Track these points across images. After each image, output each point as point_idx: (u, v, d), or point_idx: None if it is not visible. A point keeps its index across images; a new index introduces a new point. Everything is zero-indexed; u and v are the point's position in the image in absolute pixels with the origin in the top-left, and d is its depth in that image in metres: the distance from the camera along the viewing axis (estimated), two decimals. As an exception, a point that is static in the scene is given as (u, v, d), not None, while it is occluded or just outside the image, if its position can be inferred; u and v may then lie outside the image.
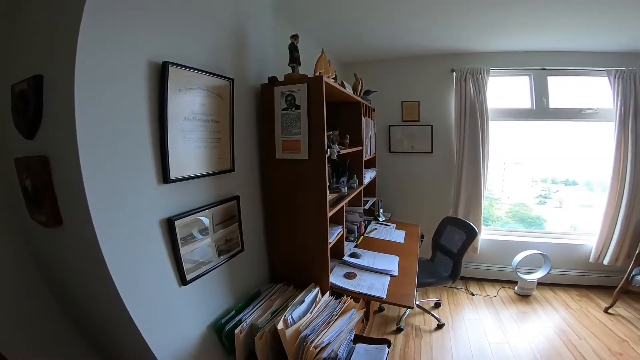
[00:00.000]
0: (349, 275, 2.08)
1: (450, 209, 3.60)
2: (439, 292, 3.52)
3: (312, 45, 2.34)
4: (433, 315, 3.04)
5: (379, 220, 3.31)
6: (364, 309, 2.68)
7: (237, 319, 1.58)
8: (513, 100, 3.63)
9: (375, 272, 2.13)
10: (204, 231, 1.46)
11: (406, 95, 3.71)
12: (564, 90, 3.50)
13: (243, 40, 1.77)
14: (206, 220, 1.47)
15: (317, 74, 1.78)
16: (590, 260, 3.45)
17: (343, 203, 2.16)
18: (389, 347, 1.65)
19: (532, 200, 4.19)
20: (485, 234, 3.74)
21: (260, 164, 1.92)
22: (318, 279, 1.88)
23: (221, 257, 1.57)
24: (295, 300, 1.65)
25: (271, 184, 1.90)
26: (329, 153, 1.82)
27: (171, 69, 1.25)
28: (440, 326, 2.93)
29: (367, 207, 3.04)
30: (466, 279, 3.77)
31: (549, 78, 3.48)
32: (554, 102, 3.49)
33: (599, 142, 3.42)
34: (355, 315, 1.70)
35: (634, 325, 2.91)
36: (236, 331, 1.49)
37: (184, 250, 1.34)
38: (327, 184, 1.78)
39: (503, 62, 3.46)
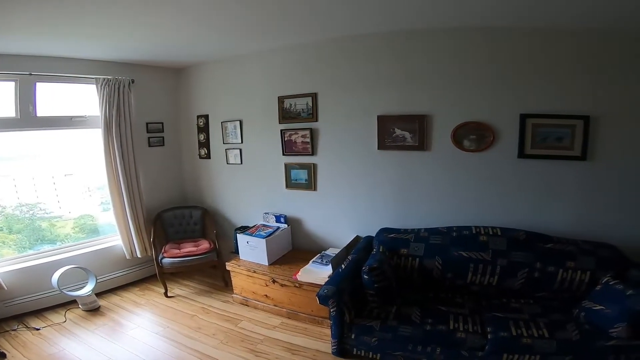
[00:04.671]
0: None
1: None
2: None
3: None
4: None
5: None
6: None
7: None
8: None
9: None
10: None
11: None
12: (55, 97, 3.31)
13: None
14: None
15: None
16: (128, 257, 3.70)
17: None
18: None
19: (96, 209, 4.01)
20: (5, 266, 3.09)
21: None
22: None
23: None
24: None
25: None
26: None
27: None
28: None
29: None
30: (19, 317, 3.10)
31: (37, 84, 3.15)
32: (44, 110, 3.23)
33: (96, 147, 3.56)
34: None
35: (191, 299, 3.40)
36: None
37: None
38: None
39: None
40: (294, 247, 3.49)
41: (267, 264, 3.14)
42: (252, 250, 3.22)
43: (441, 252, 2.54)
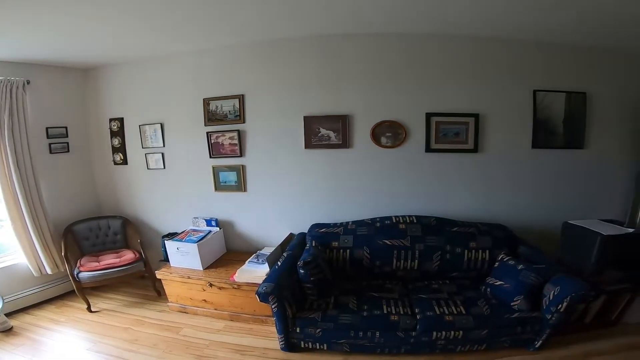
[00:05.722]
0: None
1: None
2: None
3: None
4: None
5: None
6: None
7: None
8: None
9: None
10: None
11: None
12: None
13: None
14: None
15: None
16: (36, 275, 3.28)
17: None
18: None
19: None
20: None
21: None
22: None
23: None
24: None
25: None
26: None
27: None
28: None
29: None
30: None
31: None
32: None
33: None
34: None
35: (120, 312, 3.18)
36: None
37: None
38: None
39: None
40: (228, 249, 3.47)
41: (201, 268, 3.08)
42: (183, 257, 3.12)
43: (368, 242, 2.79)
